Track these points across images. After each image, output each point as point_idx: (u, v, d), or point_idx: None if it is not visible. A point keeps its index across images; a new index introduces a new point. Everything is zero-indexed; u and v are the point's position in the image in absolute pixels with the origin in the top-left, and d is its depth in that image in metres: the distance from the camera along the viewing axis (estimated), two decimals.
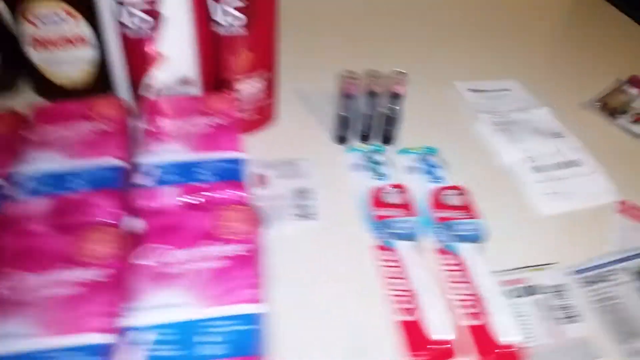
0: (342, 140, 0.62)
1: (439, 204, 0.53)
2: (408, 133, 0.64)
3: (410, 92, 0.70)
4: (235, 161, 0.49)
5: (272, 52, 0.59)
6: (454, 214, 0.52)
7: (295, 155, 0.61)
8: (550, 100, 0.71)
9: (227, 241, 0.42)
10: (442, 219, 0.52)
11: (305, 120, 0.66)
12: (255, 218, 0.44)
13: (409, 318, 0.45)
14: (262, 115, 0.62)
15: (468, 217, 0.52)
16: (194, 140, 0.51)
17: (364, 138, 0.62)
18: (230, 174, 0.48)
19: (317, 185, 0.57)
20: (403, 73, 0.57)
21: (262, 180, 0.57)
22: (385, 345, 0.44)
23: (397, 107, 0.59)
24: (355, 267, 0.50)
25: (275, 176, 0.58)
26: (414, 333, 0.44)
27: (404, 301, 0.46)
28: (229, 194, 0.46)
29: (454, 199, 0.54)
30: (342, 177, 0.59)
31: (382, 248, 0.51)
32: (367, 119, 0.60)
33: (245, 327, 0.37)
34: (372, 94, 0.58)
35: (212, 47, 0.55)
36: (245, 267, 0.40)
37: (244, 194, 0.46)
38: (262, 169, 0.59)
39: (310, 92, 0.70)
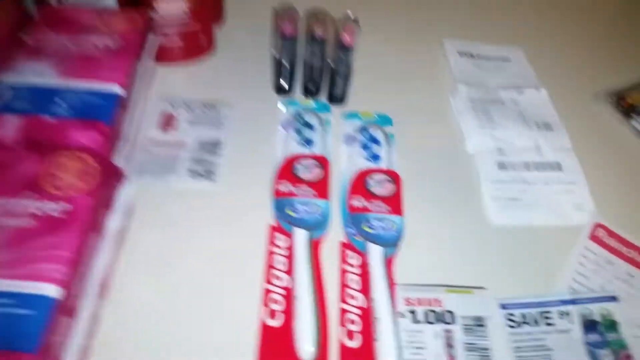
0: (280, 89, 0.52)
1: (360, 190, 0.43)
2: (365, 94, 0.53)
3: (382, 43, 0.58)
4: (106, 97, 0.40)
5: None
6: (372, 205, 0.42)
7: (220, 99, 0.51)
8: (555, 82, 0.57)
9: (49, 197, 0.34)
10: (356, 208, 0.42)
11: (248, 60, 0.55)
12: (97, 173, 0.35)
13: (272, 323, 0.37)
14: (189, 44, 0.52)
15: (388, 211, 0.42)
16: (71, 62, 0.42)
17: (308, 92, 0.52)
18: (94, 112, 0.39)
19: (232, 140, 0.48)
20: (353, 19, 0.45)
21: (167, 122, 0.48)
22: (243, 350, 0.36)
23: (344, 60, 0.47)
24: (242, 248, 0.41)
25: (186, 120, 0.49)
26: (272, 342, 0.36)
27: (275, 301, 0.38)
28: (80, 136, 0.37)
29: (379, 187, 0.43)
30: (266, 135, 0.49)
31: (279, 231, 0.42)
32: (309, 68, 0.49)
33: (25, 312, 0.29)
34: (314, 39, 0.46)
35: None
36: (59, 234, 0.32)
37: (100, 140, 0.38)
38: (173, 109, 0.49)
39: (267, 29, 0.58)
